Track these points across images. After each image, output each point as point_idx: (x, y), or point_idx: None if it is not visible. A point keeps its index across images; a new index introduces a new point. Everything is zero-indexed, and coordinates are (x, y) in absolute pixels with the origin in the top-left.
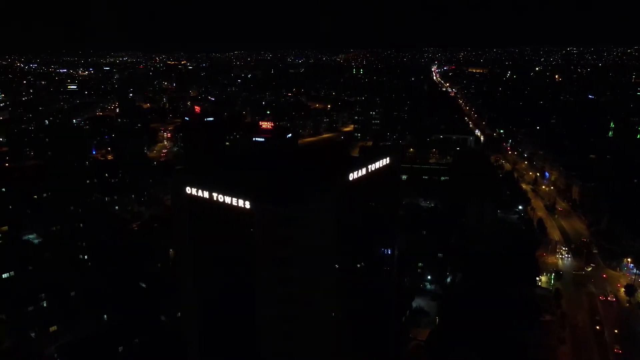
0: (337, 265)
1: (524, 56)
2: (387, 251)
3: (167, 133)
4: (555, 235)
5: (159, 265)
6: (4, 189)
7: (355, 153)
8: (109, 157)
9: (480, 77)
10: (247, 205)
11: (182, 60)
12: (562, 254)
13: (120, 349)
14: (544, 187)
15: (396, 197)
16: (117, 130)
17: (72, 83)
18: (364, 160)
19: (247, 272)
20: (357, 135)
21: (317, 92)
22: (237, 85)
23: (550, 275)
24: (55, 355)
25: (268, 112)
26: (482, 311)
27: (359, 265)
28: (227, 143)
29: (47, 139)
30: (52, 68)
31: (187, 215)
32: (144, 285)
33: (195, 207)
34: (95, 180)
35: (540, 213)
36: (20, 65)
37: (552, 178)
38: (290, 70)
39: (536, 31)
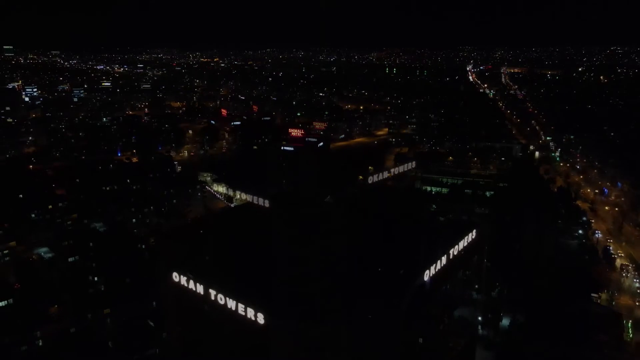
0: (351, 268)
1: (565, 56)
2: (413, 255)
3: (193, 134)
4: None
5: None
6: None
7: (391, 159)
8: (134, 159)
9: (519, 78)
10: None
11: (215, 58)
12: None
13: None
14: (602, 205)
15: (422, 202)
16: (144, 132)
17: (107, 80)
18: (385, 164)
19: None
20: (392, 141)
21: (349, 92)
22: (267, 84)
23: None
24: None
25: (299, 114)
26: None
27: (378, 270)
28: (255, 147)
29: (72, 140)
30: (89, 64)
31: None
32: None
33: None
34: (115, 187)
35: (602, 238)
36: (60, 61)
37: (612, 196)
38: (322, 69)
39: (577, 30)
